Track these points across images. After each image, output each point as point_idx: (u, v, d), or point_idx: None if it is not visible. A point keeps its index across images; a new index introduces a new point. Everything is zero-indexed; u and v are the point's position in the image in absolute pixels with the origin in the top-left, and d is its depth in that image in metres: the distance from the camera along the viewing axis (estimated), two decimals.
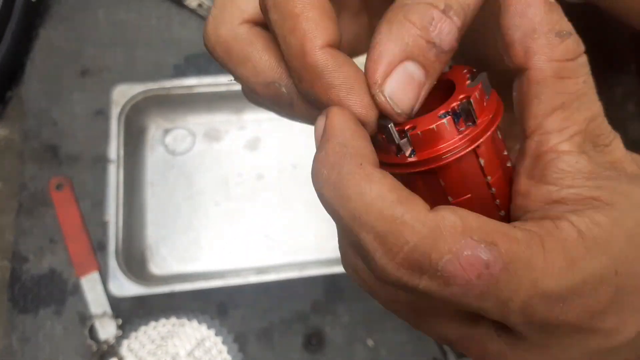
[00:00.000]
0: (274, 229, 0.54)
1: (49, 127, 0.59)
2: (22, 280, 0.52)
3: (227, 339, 0.51)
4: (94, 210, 0.55)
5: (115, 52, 0.64)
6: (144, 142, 0.57)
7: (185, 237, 0.53)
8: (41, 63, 0.62)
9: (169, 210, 0.55)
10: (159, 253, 0.53)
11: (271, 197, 0.56)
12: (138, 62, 0.63)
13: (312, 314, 0.52)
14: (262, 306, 0.52)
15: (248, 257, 0.53)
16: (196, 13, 0.66)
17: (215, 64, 0.72)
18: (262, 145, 0.58)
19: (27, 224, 0.54)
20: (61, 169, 0.57)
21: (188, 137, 0.58)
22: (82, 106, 0.60)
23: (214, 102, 0.57)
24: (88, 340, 0.49)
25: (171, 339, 0.50)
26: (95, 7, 0.66)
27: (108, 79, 0.62)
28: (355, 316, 0.52)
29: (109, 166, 0.51)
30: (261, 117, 0.59)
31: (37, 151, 0.58)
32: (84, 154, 0.58)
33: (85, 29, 0.65)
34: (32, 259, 0.53)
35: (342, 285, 0.54)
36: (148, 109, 0.56)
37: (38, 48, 0.63)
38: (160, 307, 0.51)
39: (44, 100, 0.60)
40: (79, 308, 0.51)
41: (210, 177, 0.56)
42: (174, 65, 0.63)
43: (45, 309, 0.51)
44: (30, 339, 0.50)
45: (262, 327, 0.52)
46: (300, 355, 0.51)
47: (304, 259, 0.53)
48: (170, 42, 0.65)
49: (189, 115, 0.58)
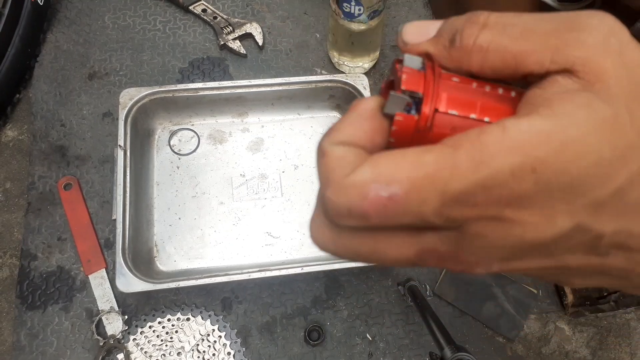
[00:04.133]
0: (276, 227, 0.55)
1: (57, 128, 0.60)
2: (30, 278, 0.53)
3: (231, 333, 0.52)
4: (101, 209, 0.56)
5: (122, 56, 0.65)
6: (150, 143, 0.58)
7: (190, 234, 0.55)
8: (49, 66, 0.64)
9: (175, 208, 0.56)
10: (164, 250, 0.54)
11: (273, 197, 0.57)
12: (144, 65, 0.65)
13: (313, 308, 0.53)
14: (264, 301, 0.53)
15: (251, 254, 0.54)
16: (201, 18, 0.68)
17: (219, 68, 0.74)
18: (265, 146, 0.59)
19: (35, 223, 0.55)
20: (69, 169, 0.58)
21: (193, 139, 0.59)
22: (90, 108, 0.62)
23: (218, 104, 0.58)
24: (95, 335, 0.50)
25: (176, 333, 0.51)
26: (102, 12, 0.68)
27: (115, 82, 0.63)
28: (354, 311, 0.53)
29: (116, 166, 0.51)
30: (264, 119, 0.61)
31: (45, 152, 0.59)
32: (91, 154, 0.59)
33: (92, 33, 0.66)
34: (41, 257, 0.54)
35: (342, 281, 0.55)
36: (154, 111, 0.57)
37: (46, 51, 0.64)
38: (165, 303, 0.53)
39: (52, 102, 0.62)
40: (87, 304, 0.52)
41: (215, 177, 0.58)
42: (179, 68, 0.65)
43: (53, 305, 0.52)
44: (38, 334, 0.51)
45: (265, 321, 0.53)
46: (301, 348, 0.52)
47: (305, 256, 0.54)
48: (176, 46, 0.66)
49: (194, 118, 0.59)
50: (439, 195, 0.15)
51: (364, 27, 0.57)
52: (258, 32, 0.66)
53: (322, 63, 0.66)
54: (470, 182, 0.14)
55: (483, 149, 0.14)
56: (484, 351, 0.53)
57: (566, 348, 0.54)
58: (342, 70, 0.65)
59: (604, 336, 0.55)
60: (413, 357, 0.52)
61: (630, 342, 0.55)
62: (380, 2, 0.55)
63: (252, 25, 0.66)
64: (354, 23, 0.56)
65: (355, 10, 0.54)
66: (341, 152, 0.16)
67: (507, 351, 0.54)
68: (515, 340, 0.54)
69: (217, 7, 0.69)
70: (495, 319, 0.54)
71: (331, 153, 0.16)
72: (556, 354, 0.54)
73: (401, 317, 0.54)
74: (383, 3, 0.55)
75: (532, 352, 0.54)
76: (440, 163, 0.15)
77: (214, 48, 0.66)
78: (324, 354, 0.52)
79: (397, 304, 0.54)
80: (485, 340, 0.54)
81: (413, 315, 0.54)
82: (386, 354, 0.52)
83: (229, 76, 0.65)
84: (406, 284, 0.52)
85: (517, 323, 0.54)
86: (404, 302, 0.54)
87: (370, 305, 0.54)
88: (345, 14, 0.55)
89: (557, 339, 0.55)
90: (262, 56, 0.66)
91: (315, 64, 0.66)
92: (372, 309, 0.54)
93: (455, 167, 0.14)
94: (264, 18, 0.69)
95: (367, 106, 0.18)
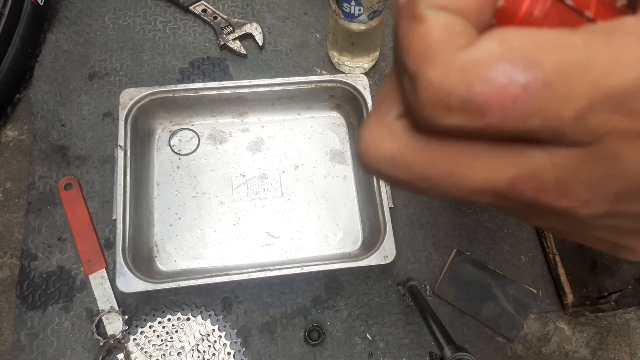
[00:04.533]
0: (276, 227, 0.55)
1: (58, 128, 0.60)
2: (31, 277, 0.53)
3: (231, 333, 0.52)
4: (101, 209, 0.56)
5: (122, 56, 0.65)
6: (150, 143, 0.58)
7: (191, 234, 0.55)
8: (49, 66, 0.64)
9: (175, 208, 0.56)
10: (164, 250, 0.54)
11: (273, 197, 0.57)
12: (144, 65, 0.65)
13: (313, 308, 0.53)
14: (264, 301, 0.54)
15: (251, 254, 0.54)
16: (201, 18, 0.68)
17: (219, 68, 0.74)
18: (265, 146, 0.60)
19: (36, 223, 0.55)
20: (69, 169, 0.58)
21: (193, 139, 0.59)
22: (90, 108, 0.62)
23: (218, 104, 0.58)
24: (95, 335, 0.50)
25: (176, 333, 0.51)
26: (102, 12, 0.68)
27: (115, 82, 0.63)
28: (354, 311, 0.54)
29: (117, 166, 0.51)
30: (264, 119, 0.61)
31: (45, 152, 0.59)
32: (92, 154, 0.59)
33: (93, 33, 0.66)
34: (41, 257, 0.54)
35: (342, 281, 0.55)
36: (154, 111, 0.57)
37: (46, 52, 0.64)
38: (166, 303, 0.53)
39: (52, 102, 0.62)
40: (87, 304, 0.52)
41: (215, 177, 0.58)
42: (179, 68, 0.65)
43: (53, 305, 0.52)
44: (38, 334, 0.51)
45: (265, 321, 0.53)
46: (301, 348, 0.52)
47: (305, 255, 0.54)
48: (176, 47, 0.66)
49: (194, 118, 0.60)
50: (592, 90, 0.11)
51: (364, 27, 0.57)
52: (258, 32, 0.66)
53: (322, 63, 0.66)
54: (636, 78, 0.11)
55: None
56: (484, 351, 0.53)
57: (566, 348, 0.54)
58: (342, 70, 0.65)
59: (603, 336, 0.55)
60: (413, 357, 0.52)
61: (630, 342, 0.55)
62: (380, 2, 0.55)
63: (252, 26, 0.66)
64: (354, 23, 0.56)
65: (355, 11, 0.54)
66: (447, 19, 0.12)
67: (507, 351, 0.54)
68: (515, 340, 0.54)
69: (217, 7, 0.69)
70: (495, 319, 0.54)
71: (434, 19, 0.12)
72: (556, 354, 0.54)
73: (401, 317, 0.54)
74: (383, 3, 0.55)
75: (532, 352, 0.54)
76: (596, 47, 0.11)
77: (214, 48, 0.66)
78: (324, 353, 0.52)
79: (397, 304, 0.54)
80: (485, 340, 0.54)
81: (413, 315, 0.54)
82: (386, 353, 0.52)
83: (229, 76, 0.65)
84: (406, 284, 0.52)
85: (517, 323, 0.54)
86: (404, 302, 0.54)
87: (370, 305, 0.54)
88: (345, 14, 0.55)
89: (557, 339, 0.55)
90: (262, 56, 0.66)
91: (315, 64, 0.66)
92: (372, 309, 0.54)
93: (618, 54, 0.11)
94: (264, 18, 0.69)
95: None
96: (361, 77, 0.58)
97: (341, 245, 0.55)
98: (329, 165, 0.59)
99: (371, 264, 0.49)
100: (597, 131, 0.11)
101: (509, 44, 0.11)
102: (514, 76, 0.11)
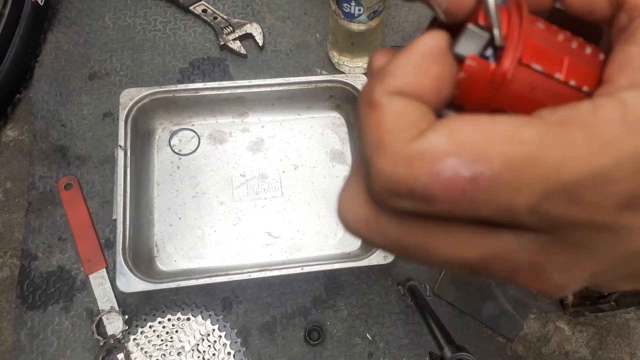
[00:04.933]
0: (276, 227, 0.55)
1: (58, 128, 0.60)
2: (31, 277, 0.53)
3: (231, 333, 0.52)
4: (101, 209, 0.56)
5: (122, 56, 0.65)
6: (150, 143, 0.58)
7: (191, 234, 0.55)
8: (50, 66, 0.64)
9: (175, 208, 0.56)
10: (165, 250, 0.54)
11: (273, 197, 0.57)
12: (145, 65, 0.65)
13: (313, 308, 0.53)
14: (264, 301, 0.54)
15: (251, 254, 0.54)
16: (201, 18, 0.68)
17: (219, 68, 0.74)
18: (265, 146, 0.60)
19: (36, 223, 0.55)
20: (70, 169, 0.58)
21: (193, 139, 0.59)
22: (90, 108, 0.62)
23: (218, 105, 0.58)
24: (95, 335, 0.50)
25: (176, 333, 0.51)
26: (102, 12, 0.68)
27: (115, 82, 0.63)
28: (354, 311, 0.54)
29: (117, 166, 0.51)
30: (264, 120, 0.61)
31: (46, 152, 0.59)
32: (92, 154, 0.59)
33: (93, 34, 0.66)
34: (41, 257, 0.54)
35: (342, 281, 0.55)
36: (154, 111, 0.57)
37: (46, 52, 0.65)
38: (166, 303, 0.53)
39: (52, 103, 0.62)
40: (87, 304, 0.52)
41: (215, 177, 0.58)
42: (179, 68, 0.65)
43: (53, 305, 0.52)
44: (39, 334, 0.51)
45: (265, 321, 0.53)
46: (301, 348, 0.52)
47: (305, 255, 0.54)
48: (176, 47, 0.66)
49: (195, 118, 0.60)
50: (544, 184, 0.11)
51: (364, 28, 0.57)
52: (258, 32, 0.66)
53: (322, 63, 0.66)
54: (589, 171, 0.11)
55: (605, 129, 0.11)
56: (484, 351, 0.53)
57: (566, 348, 0.54)
58: (342, 70, 0.65)
59: (603, 336, 0.55)
60: (413, 357, 0.52)
61: (630, 342, 0.55)
62: (380, 3, 0.55)
63: (252, 26, 0.66)
64: (354, 23, 0.56)
65: (355, 11, 0.55)
66: (401, 106, 0.12)
67: (507, 351, 0.54)
68: (515, 340, 0.54)
69: (217, 8, 0.69)
70: (495, 318, 0.54)
71: (387, 107, 0.12)
72: (556, 354, 0.54)
73: (401, 317, 0.54)
74: (383, 3, 0.55)
75: (532, 352, 0.54)
76: (548, 142, 0.11)
77: (214, 48, 0.66)
78: (324, 353, 0.52)
79: (397, 303, 0.54)
80: (485, 340, 0.54)
81: (413, 315, 0.54)
82: (386, 353, 0.52)
83: (229, 76, 0.65)
84: (406, 284, 0.52)
85: (517, 323, 0.54)
86: (404, 302, 0.54)
87: (370, 305, 0.54)
88: (345, 14, 0.55)
89: (557, 339, 0.55)
90: (262, 56, 0.66)
91: (315, 64, 0.66)
92: (372, 309, 0.54)
93: (569, 149, 0.11)
94: (264, 18, 0.69)
95: (434, 43, 0.13)
96: (361, 77, 0.58)
97: (341, 245, 0.55)
98: (329, 165, 0.59)
99: (371, 263, 0.49)
100: (558, 220, 0.11)
101: (458, 137, 0.11)
102: (460, 170, 0.11)
